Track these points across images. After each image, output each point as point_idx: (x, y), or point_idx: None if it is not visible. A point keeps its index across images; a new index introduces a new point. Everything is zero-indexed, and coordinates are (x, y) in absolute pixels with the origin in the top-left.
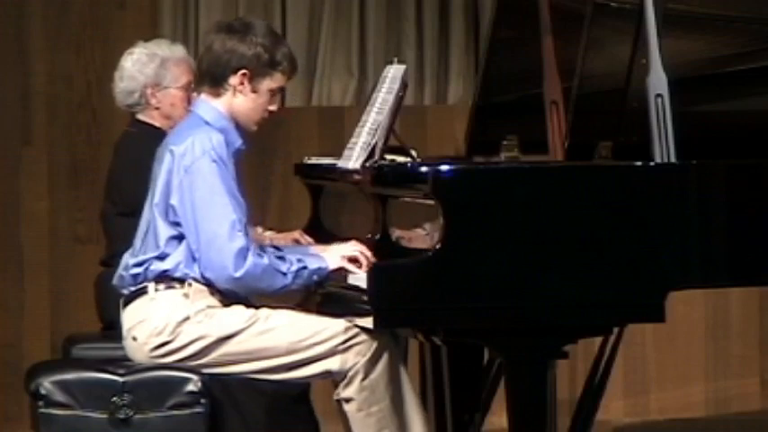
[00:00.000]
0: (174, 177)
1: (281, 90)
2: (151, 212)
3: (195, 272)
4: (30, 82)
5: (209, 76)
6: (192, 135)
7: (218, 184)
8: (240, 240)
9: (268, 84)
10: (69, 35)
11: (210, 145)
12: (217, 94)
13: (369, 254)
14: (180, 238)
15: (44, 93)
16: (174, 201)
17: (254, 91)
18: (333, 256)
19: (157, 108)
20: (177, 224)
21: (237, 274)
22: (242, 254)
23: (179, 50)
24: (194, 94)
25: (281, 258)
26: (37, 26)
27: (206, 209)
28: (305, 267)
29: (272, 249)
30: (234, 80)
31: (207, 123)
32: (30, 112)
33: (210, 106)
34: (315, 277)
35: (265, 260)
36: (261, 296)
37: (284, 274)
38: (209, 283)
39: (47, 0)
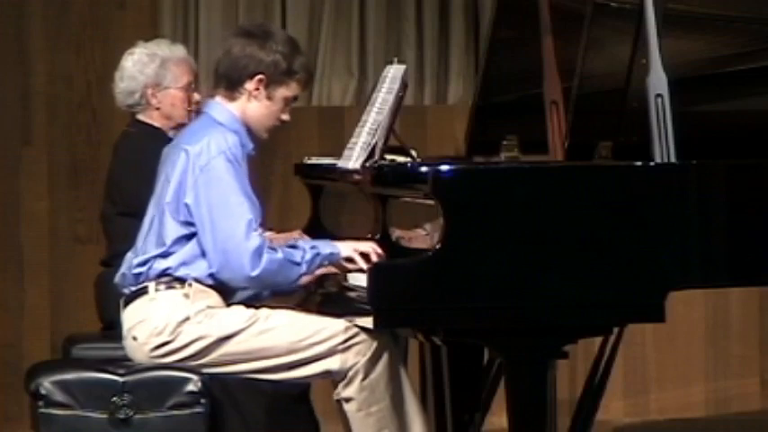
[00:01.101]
0: (188, 177)
1: (296, 99)
2: (158, 211)
3: (196, 272)
4: (30, 82)
5: (226, 80)
6: (207, 135)
7: (234, 183)
8: (256, 240)
9: (283, 92)
10: (69, 35)
11: (226, 145)
12: (231, 98)
13: (382, 255)
14: (187, 237)
15: (44, 93)
16: (188, 200)
17: (268, 98)
18: (346, 245)
19: (158, 108)
20: (188, 224)
21: (254, 273)
22: (258, 252)
23: (179, 51)
24: (195, 95)
25: (294, 247)
26: (37, 26)
27: (222, 208)
28: (318, 254)
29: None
30: (250, 85)
31: (220, 124)
32: (30, 112)
33: (224, 108)
34: (326, 263)
35: (279, 254)
36: (274, 291)
37: (298, 263)
38: (215, 284)
39: (47, 0)
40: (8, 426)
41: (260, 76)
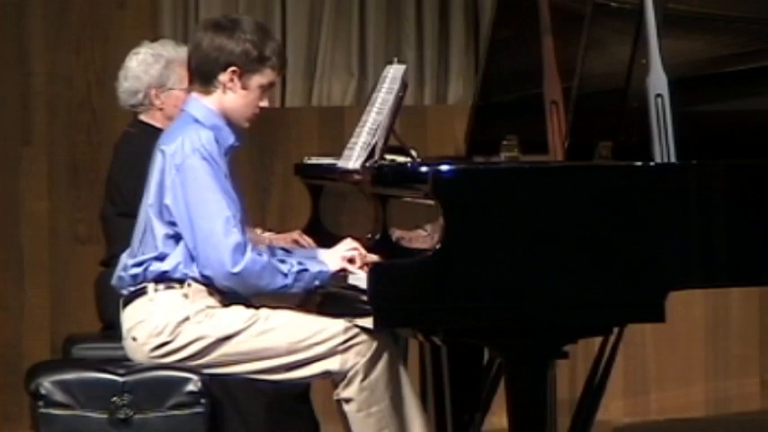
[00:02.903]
0: (166, 177)
1: (272, 85)
2: (146, 213)
3: (194, 272)
4: (30, 82)
5: (199, 74)
6: (181, 134)
7: (210, 181)
8: (236, 236)
9: (258, 80)
10: (69, 35)
11: (200, 143)
12: (207, 92)
13: (363, 251)
14: (177, 237)
15: (44, 93)
16: (167, 200)
17: (244, 87)
18: (332, 258)
19: (161, 109)
20: (173, 224)
21: (235, 270)
22: (239, 249)
23: (184, 52)
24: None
25: (282, 261)
26: (37, 26)
27: (199, 206)
28: (306, 270)
29: (281, 252)
30: (223, 77)
31: (197, 121)
32: (30, 112)
33: (201, 104)
34: (317, 282)
35: (264, 258)
36: (262, 296)
37: (285, 274)
38: (208, 283)
39: (47, 0)
40: (8, 426)
41: (232, 68)
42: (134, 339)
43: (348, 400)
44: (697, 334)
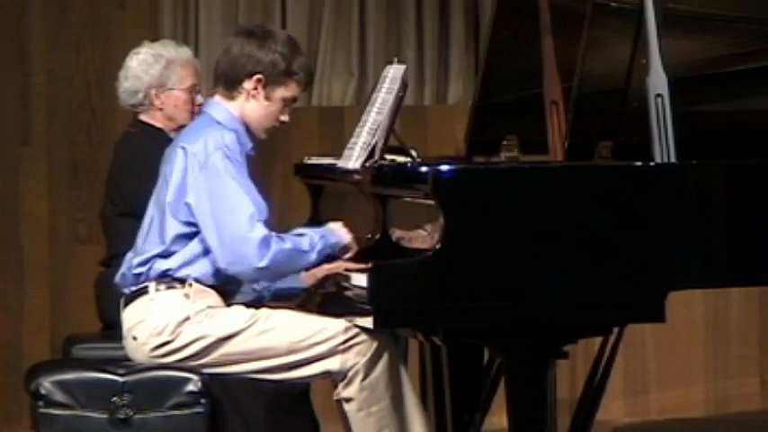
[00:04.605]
0: (188, 175)
1: (295, 100)
2: (158, 210)
3: (198, 272)
4: (30, 82)
5: (225, 79)
6: (204, 134)
7: (233, 179)
8: (261, 230)
9: (282, 92)
10: (69, 35)
11: (223, 142)
12: (230, 97)
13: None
14: (188, 237)
15: (44, 93)
16: (189, 199)
17: (267, 98)
18: (347, 234)
19: (161, 109)
20: (189, 223)
21: (262, 264)
22: (265, 243)
23: (185, 52)
24: (198, 97)
25: (301, 235)
26: (37, 26)
27: (223, 204)
28: (327, 243)
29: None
30: (248, 84)
31: (219, 123)
32: (30, 112)
33: (223, 108)
34: (329, 250)
35: (287, 244)
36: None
37: (307, 251)
38: (216, 284)
39: (47, 0)
40: (8, 426)
41: (258, 76)
42: (134, 339)
43: (348, 400)
44: (697, 334)
